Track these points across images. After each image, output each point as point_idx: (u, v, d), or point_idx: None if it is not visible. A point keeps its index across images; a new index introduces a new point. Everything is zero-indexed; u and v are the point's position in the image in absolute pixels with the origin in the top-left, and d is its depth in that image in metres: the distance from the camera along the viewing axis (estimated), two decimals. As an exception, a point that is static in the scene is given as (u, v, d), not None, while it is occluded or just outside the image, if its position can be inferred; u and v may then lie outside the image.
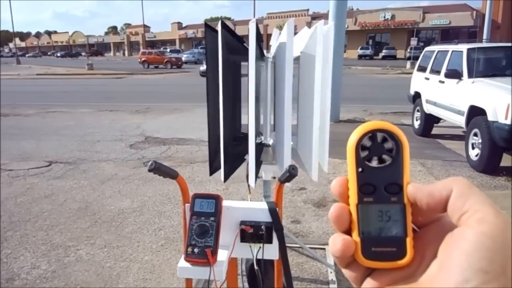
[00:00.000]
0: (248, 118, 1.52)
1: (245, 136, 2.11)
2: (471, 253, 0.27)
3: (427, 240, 0.32)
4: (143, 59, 35.20)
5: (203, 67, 23.26)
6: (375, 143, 0.34)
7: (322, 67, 1.52)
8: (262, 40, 1.94)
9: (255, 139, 1.59)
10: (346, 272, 0.35)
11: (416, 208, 0.33)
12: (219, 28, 1.47)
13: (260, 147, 1.99)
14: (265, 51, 1.99)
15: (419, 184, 0.32)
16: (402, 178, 0.33)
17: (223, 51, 1.44)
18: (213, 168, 1.68)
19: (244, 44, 1.93)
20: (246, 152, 1.96)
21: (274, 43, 2.16)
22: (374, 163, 0.34)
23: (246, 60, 2.00)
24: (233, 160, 1.70)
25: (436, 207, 0.31)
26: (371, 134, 0.34)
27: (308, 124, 1.62)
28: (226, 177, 1.59)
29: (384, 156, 0.34)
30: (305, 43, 1.76)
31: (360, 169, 0.34)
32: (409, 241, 0.32)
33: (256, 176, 1.62)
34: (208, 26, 1.56)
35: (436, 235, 0.31)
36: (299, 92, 1.84)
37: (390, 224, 0.33)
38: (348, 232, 0.34)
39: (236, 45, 1.72)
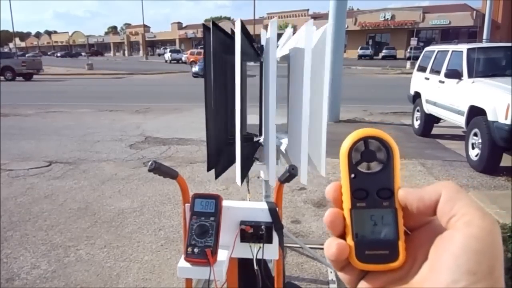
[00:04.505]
0: (236, 118, 1.51)
1: (250, 136, 2.11)
2: (460, 255, 0.28)
3: (419, 242, 0.33)
4: (191, 59, 31.94)
5: (195, 68, 23.10)
6: (367, 150, 0.35)
7: (315, 67, 1.52)
8: (254, 40, 1.94)
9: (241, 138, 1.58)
10: (341, 275, 0.36)
11: (407, 212, 0.34)
12: (237, 31, 1.46)
13: (258, 146, 1.99)
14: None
15: (409, 189, 0.34)
16: (393, 183, 0.34)
17: (219, 51, 1.44)
18: (218, 171, 1.67)
19: (253, 44, 1.93)
20: (254, 152, 1.96)
21: (281, 43, 2.16)
22: (366, 169, 0.35)
23: (248, 60, 2.00)
24: (243, 161, 1.70)
25: (426, 211, 0.32)
26: (363, 141, 0.35)
27: (297, 124, 1.62)
28: (243, 178, 1.59)
29: (376, 162, 0.35)
30: (294, 42, 1.76)
31: (352, 175, 0.35)
32: (401, 244, 0.33)
33: (243, 176, 1.61)
34: (207, 27, 1.56)
35: (426, 237, 0.32)
36: (290, 91, 1.85)
37: (382, 228, 0.34)
38: (343, 236, 0.35)
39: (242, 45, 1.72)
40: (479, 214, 0.29)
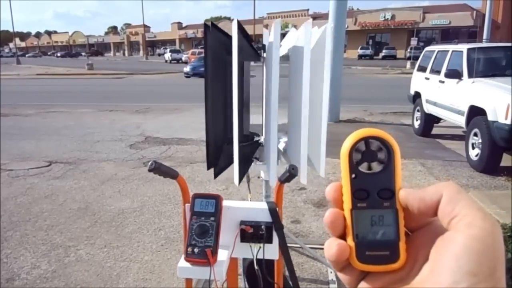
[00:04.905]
0: (233, 117, 1.52)
1: (251, 136, 2.11)
2: (461, 256, 0.28)
3: (419, 243, 0.33)
4: (192, 59, 30.39)
5: (186, 69, 23.20)
6: (368, 150, 0.35)
7: (315, 66, 1.52)
8: (253, 40, 1.94)
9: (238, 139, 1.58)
10: (341, 276, 0.35)
11: (408, 213, 0.34)
12: (234, 30, 1.46)
13: (258, 146, 1.99)
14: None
15: (410, 190, 0.33)
16: (394, 184, 0.34)
17: (228, 52, 1.44)
18: (217, 171, 1.67)
19: (252, 44, 1.93)
20: (253, 152, 1.97)
21: (283, 42, 2.16)
22: (367, 169, 0.35)
23: (247, 59, 2.00)
24: (242, 161, 1.70)
25: (427, 212, 0.32)
26: (364, 141, 0.35)
27: (297, 124, 1.62)
28: (240, 178, 1.59)
29: (377, 163, 0.35)
30: (293, 42, 1.76)
31: (353, 175, 0.35)
32: (401, 245, 0.33)
33: (241, 176, 1.62)
34: (208, 26, 1.56)
35: (427, 238, 0.32)
36: (290, 91, 1.84)
37: (383, 229, 0.34)
38: (343, 236, 0.35)
39: (239, 45, 1.72)
40: (480, 215, 0.29)
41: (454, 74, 6.03)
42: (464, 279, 0.27)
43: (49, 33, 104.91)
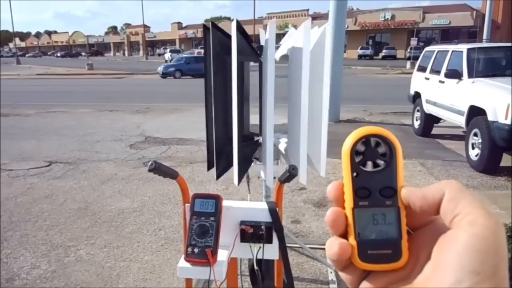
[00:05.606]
0: (232, 118, 1.52)
1: (251, 136, 2.11)
2: (463, 255, 0.27)
3: (421, 242, 0.33)
4: None
5: (160, 67, 23.83)
6: (369, 148, 0.34)
7: (314, 67, 1.52)
8: (252, 40, 1.95)
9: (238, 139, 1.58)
10: (343, 275, 0.35)
11: (410, 211, 0.33)
12: (233, 31, 1.47)
13: (258, 147, 1.99)
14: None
15: (412, 188, 0.33)
16: (396, 182, 0.34)
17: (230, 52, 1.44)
18: (218, 172, 1.67)
19: (252, 45, 1.93)
20: (253, 152, 1.97)
21: (282, 42, 2.17)
22: (369, 168, 0.34)
23: (247, 60, 2.01)
24: (242, 161, 1.70)
25: (429, 210, 0.31)
26: (365, 139, 0.34)
27: (296, 124, 1.61)
28: (240, 179, 1.59)
29: (378, 161, 0.34)
30: (293, 42, 1.76)
31: (355, 174, 0.34)
32: (404, 243, 0.33)
33: (241, 176, 1.62)
34: (207, 28, 1.56)
35: (429, 237, 0.32)
36: (289, 91, 1.84)
37: (385, 227, 0.34)
38: (345, 235, 0.34)
39: (238, 45, 1.72)
40: (483, 213, 0.28)
41: (454, 74, 6.03)
42: (467, 278, 0.27)
43: (49, 33, 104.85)
